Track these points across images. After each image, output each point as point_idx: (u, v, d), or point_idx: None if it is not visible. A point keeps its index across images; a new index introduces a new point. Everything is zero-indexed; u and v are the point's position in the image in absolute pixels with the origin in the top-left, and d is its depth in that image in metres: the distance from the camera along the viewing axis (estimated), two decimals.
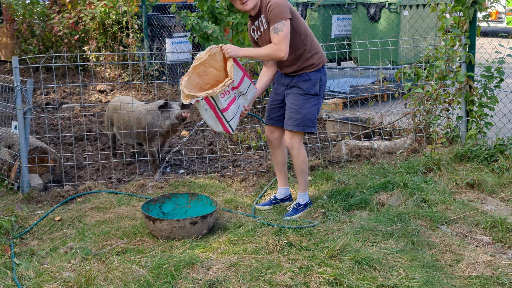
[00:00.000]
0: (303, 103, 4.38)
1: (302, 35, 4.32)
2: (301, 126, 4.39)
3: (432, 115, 6.00)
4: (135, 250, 4.03)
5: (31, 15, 11.46)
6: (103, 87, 9.36)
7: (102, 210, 4.79)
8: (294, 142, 4.45)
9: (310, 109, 4.39)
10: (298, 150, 4.48)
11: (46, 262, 3.90)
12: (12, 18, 11.75)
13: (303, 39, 4.33)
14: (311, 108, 4.40)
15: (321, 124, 7.16)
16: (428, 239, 4.02)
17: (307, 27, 4.40)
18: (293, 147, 4.46)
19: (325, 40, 10.88)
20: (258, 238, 4.07)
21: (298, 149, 4.48)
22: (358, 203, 4.67)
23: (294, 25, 4.28)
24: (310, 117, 4.40)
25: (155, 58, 9.65)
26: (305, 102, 4.38)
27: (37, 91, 9.47)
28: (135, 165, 6.01)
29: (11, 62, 5.09)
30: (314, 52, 4.38)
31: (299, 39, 4.32)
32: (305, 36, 4.34)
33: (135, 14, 9.79)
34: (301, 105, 4.38)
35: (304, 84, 4.38)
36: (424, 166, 5.29)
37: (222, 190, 5.17)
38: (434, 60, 6.00)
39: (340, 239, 3.95)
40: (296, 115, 4.38)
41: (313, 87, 4.39)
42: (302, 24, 4.35)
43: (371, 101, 7.20)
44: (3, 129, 5.95)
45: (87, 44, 10.20)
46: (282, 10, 4.16)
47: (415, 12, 9.74)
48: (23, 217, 4.66)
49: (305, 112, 4.38)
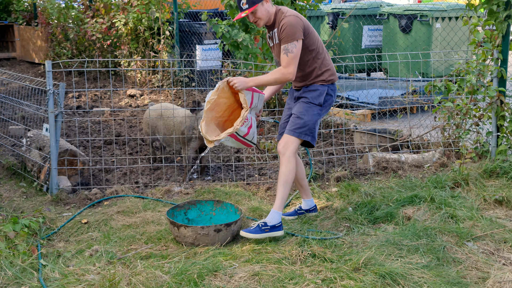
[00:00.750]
0: (305, 110, 4.30)
1: (313, 53, 4.28)
2: (298, 132, 4.27)
3: (461, 129, 5.93)
4: (159, 255, 4.05)
5: (66, 19, 11.67)
6: (133, 92, 9.47)
7: (128, 214, 4.83)
8: (287, 149, 4.25)
9: (311, 117, 4.29)
10: (289, 158, 4.24)
11: (72, 264, 3.95)
12: (47, 22, 11.98)
13: (314, 56, 4.28)
14: (313, 116, 4.30)
15: (348, 135, 7.13)
16: (454, 256, 3.97)
17: (320, 44, 4.34)
18: (284, 154, 4.25)
19: (355, 51, 10.84)
20: (282, 248, 4.07)
21: (289, 157, 4.24)
22: (384, 216, 4.64)
23: (306, 43, 4.24)
24: (309, 125, 4.28)
25: (185, 65, 9.73)
26: (307, 109, 4.30)
27: (69, 94, 9.61)
28: (162, 170, 6.06)
29: (45, 65, 5.18)
30: (325, 69, 4.33)
31: (310, 56, 4.28)
32: (316, 54, 4.29)
33: (167, 21, 9.90)
34: (303, 112, 4.30)
35: (310, 94, 4.33)
36: (452, 181, 5.23)
37: (247, 198, 5.18)
38: (465, 74, 5.94)
39: (364, 252, 3.92)
40: (295, 120, 4.30)
41: (318, 97, 4.31)
42: (315, 41, 4.29)
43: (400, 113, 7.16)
44: (35, 131, 6.06)
45: (119, 49, 10.34)
46: (295, 30, 4.13)
47: (447, 25, 9.65)
48: (51, 219, 4.73)
49: (306, 119, 4.28)
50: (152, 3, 9.79)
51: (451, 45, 9.44)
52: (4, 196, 5.37)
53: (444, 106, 6.08)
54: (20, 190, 5.53)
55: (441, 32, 9.59)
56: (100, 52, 10.94)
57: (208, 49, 9.69)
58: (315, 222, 4.66)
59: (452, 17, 9.70)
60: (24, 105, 6.42)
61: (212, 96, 4.27)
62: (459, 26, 9.64)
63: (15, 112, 8.16)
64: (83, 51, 11.49)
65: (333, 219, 4.68)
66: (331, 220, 4.68)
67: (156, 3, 9.75)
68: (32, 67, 12.87)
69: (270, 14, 4.26)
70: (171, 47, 9.87)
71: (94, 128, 7.69)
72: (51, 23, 11.92)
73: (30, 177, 5.70)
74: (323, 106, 4.34)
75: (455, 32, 9.52)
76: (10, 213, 4.83)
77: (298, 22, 4.16)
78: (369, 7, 10.94)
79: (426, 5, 10.08)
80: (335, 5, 11.52)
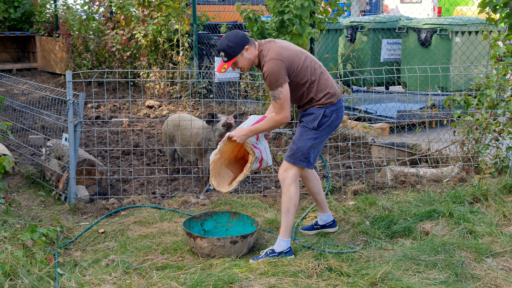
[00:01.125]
0: (299, 135, 4.23)
1: (306, 84, 4.17)
2: (293, 158, 4.20)
3: (481, 144, 5.88)
4: (175, 266, 4.05)
5: (87, 31, 11.80)
6: (152, 103, 9.53)
7: (145, 225, 4.85)
8: (287, 176, 4.20)
9: (305, 142, 4.19)
10: (289, 186, 4.19)
11: (88, 273, 3.96)
12: (68, 33, 12.13)
13: (308, 87, 4.18)
14: (306, 141, 4.19)
15: (366, 149, 7.10)
16: (472, 272, 3.92)
17: (312, 70, 4.19)
18: (284, 181, 4.21)
19: (373, 64, 10.82)
20: (298, 261, 4.04)
21: (289, 185, 4.19)
22: (402, 230, 4.60)
23: (296, 79, 4.14)
24: (303, 151, 4.19)
25: (203, 76, 9.77)
26: (301, 134, 4.22)
27: (88, 105, 9.70)
28: (179, 181, 6.07)
29: (65, 75, 5.24)
30: (323, 94, 4.19)
31: (304, 88, 4.18)
32: (310, 84, 4.17)
33: (186, 33, 9.96)
34: (298, 137, 4.23)
35: (305, 118, 4.25)
36: (471, 196, 5.17)
37: (263, 210, 5.17)
38: (485, 88, 5.89)
39: (381, 266, 3.88)
40: (291, 146, 4.25)
41: (313, 121, 4.19)
42: (306, 72, 4.16)
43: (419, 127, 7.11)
44: (54, 140, 6.12)
45: (138, 60, 10.42)
46: (277, 77, 4.04)
47: (467, 39, 9.59)
48: (68, 228, 4.76)
49: (299, 144, 4.20)
50: (172, 15, 9.86)
51: (471, 59, 9.38)
52: (23, 204, 5.41)
53: (464, 120, 6.03)
54: (38, 199, 5.58)
55: (460, 46, 9.54)
56: (120, 63, 11.04)
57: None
58: (332, 235, 4.63)
59: (472, 31, 9.64)
60: (44, 115, 6.49)
61: (216, 156, 4.35)
62: (479, 41, 9.58)
63: (35, 121, 8.25)
64: (103, 62, 11.60)
65: (350, 233, 4.65)
66: (348, 233, 4.65)
67: (176, 15, 9.82)
68: (52, 77, 13.02)
69: (252, 59, 4.17)
70: (189, 58, 9.92)
71: (113, 139, 7.74)
72: (72, 34, 12.07)
73: (48, 186, 5.74)
74: (319, 129, 4.20)
75: (475, 47, 9.46)
76: (28, 221, 4.87)
77: (279, 65, 4.05)
78: (388, 21, 10.92)
79: (446, 19, 10.04)
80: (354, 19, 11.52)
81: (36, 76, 13.10)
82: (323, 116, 4.19)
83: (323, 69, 4.29)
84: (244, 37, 4.14)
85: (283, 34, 7.21)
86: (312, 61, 4.23)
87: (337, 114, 4.25)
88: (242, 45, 4.12)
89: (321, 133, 4.22)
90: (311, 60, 4.23)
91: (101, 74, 10.96)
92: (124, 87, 10.98)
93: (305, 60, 4.18)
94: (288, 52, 4.15)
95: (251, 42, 4.16)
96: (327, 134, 4.27)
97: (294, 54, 4.16)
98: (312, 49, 8.31)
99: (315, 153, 4.26)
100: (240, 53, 4.14)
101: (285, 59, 4.09)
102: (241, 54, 4.14)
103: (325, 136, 4.27)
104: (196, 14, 9.86)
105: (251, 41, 4.16)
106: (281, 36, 7.14)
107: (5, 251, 3.78)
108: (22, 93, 9.51)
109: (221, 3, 12.57)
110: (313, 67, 4.21)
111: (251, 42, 4.16)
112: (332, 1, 7.63)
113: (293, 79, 4.15)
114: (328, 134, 4.28)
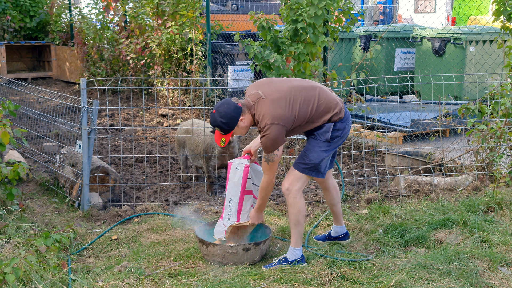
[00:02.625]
0: (312, 146, 4.13)
1: (304, 122, 4.06)
2: (302, 167, 4.11)
3: (495, 153, 5.83)
4: (187, 273, 4.05)
5: (101, 40, 11.89)
6: (165, 111, 9.57)
7: (158, 232, 4.85)
8: (293, 188, 4.11)
9: (318, 154, 4.10)
10: (295, 198, 4.10)
11: (101, 279, 3.97)
12: (83, 42, 12.23)
13: (308, 120, 4.06)
14: (320, 153, 4.10)
15: (380, 157, 7.07)
16: (486, 281, 3.88)
17: (309, 106, 4.03)
18: (290, 193, 4.11)
19: (387, 73, 10.80)
20: (310, 269, 4.03)
21: (295, 197, 4.10)
22: (415, 239, 4.56)
23: (294, 126, 4.03)
24: (315, 163, 4.09)
25: (217, 85, 9.80)
26: (314, 146, 4.12)
27: (102, 113, 9.76)
28: (191, 188, 6.08)
29: (80, 83, 5.28)
30: (326, 116, 4.08)
31: (305, 123, 4.08)
32: (310, 118, 4.05)
33: (200, 42, 10.00)
34: (310, 148, 4.13)
35: (317, 130, 4.14)
36: (486, 205, 5.13)
37: (276, 218, 5.16)
38: (499, 97, 5.85)
39: (394, 275, 3.86)
40: (302, 154, 4.15)
41: (325, 134, 4.09)
42: (303, 116, 4.01)
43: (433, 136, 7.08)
44: (68, 147, 6.16)
45: (152, 69, 10.48)
46: (275, 143, 3.95)
47: (481, 47, 9.55)
48: (81, 234, 4.78)
49: (312, 157, 4.10)
50: (185, 24, 9.92)
51: (485, 68, 9.33)
52: (37, 211, 5.45)
53: (478, 129, 5.99)
54: (52, 206, 5.61)
55: (475, 55, 9.49)
56: (134, 72, 11.10)
57: (240, 70, 9.75)
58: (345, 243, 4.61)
59: (487, 40, 9.60)
60: (59, 123, 6.54)
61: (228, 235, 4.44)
62: (494, 49, 9.53)
63: (49, 129, 8.31)
64: (117, 70, 11.67)
65: (363, 241, 4.63)
66: (361, 242, 4.63)
67: (190, 25, 9.88)
68: (67, 86, 13.13)
69: (248, 125, 4.05)
70: (203, 67, 9.96)
71: (126, 146, 7.77)
72: (87, 43, 12.17)
73: (62, 193, 5.78)
74: (332, 142, 4.12)
75: (489, 55, 9.41)
76: (42, 227, 4.90)
77: (280, 131, 3.92)
78: (402, 30, 10.90)
79: (460, 27, 10.00)
80: (368, 28, 11.51)
81: (51, 85, 13.21)
82: (335, 130, 4.12)
83: (319, 89, 4.12)
84: (235, 109, 3.95)
85: (296, 43, 7.22)
86: (306, 99, 4.04)
87: (347, 123, 4.21)
88: (235, 118, 3.96)
89: (333, 145, 4.16)
90: (304, 98, 4.05)
91: (115, 82, 11.03)
92: (138, 96, 11.03)
93: (301, 104, 4.02)
94: (282, 106, 3.95)
95: (244, 110, 3.99)
96: (339, 145, 4.24)
97: (286, 107, 3.97)
98: (325, 58, 8.31)
99: (325, 163, 4.19)
100: (236, 126, 4.00)
101: (282, 121, 3.93)
102: (237, 126, 4.01)
103: (337, 147, 4.23)
104: (209, 23, 9.90)
105: (243, 110, 3.99)
106: (295, 45, 7.14)
107: (18, 256, 3.81)
108: (37, 101, 9.59)
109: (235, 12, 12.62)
110: (308, 104, 4.05)
111: (244, 111, 3.99)
112: (345, 10, 7.63)
113: (295, 123, 4.04)
114: (340, 144, 4.25)
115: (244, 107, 4.00)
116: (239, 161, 4.37)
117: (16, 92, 9.66)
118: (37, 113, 7.75)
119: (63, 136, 7.76)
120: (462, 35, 9.51)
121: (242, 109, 3.99)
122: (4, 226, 4.62)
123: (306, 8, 6.99)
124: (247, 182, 4.40)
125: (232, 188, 4.33)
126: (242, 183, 4.34)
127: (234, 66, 9.75)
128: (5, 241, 4.33)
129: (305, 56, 7.22)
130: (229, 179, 4.37)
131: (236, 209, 4.37)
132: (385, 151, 6.68)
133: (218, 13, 12.29)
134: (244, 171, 4.31)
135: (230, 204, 4.36)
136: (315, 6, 6.89)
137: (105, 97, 10.81)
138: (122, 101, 10.70)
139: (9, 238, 4.41)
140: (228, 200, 4.37)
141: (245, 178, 4.33)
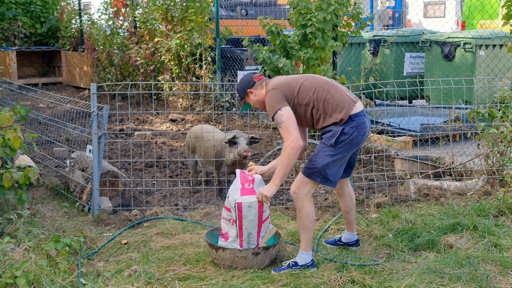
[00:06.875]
0: (317, 151, 4.13)
1: (311, 104, 4.11)
2: (308, 172, 4.11)
3: (506, 157, 5.81)
4: (197, 277, 4.06)
5: (111, 45, 11.97)
6: (175, 116, 9.60)
7: (167, 236, 4.87)
8: (300, 192, 4.11)
9: (322, 159, 4.08)
10: (303, 203, 4.11)
11: (111, 283, 3.99)
12: (93, 48, 12.32)
13: (312, 107, 4.12)
14: (323, 158, 4.08)
15: (389, 162, 7.05)
16: (497, 285, 3.86)
17: (317, 89, 4.13)
18: (298, 198, 4.12)
19: (396, 78, 10.78)
20: (320, 273, 4.02)
21: (303, 201, 4.11)
22: (425, 243, 4.55)
23: (297, 101, 4.12)
24: (319, 168, 4.07)
25: (226, 90, 9.83)
26: (319, 150, 4.12)
27: (112, 118, 9.81)
28: (201, 193, 6.09)
29: (90, 89, 5.31)
30: (333, 112, 4.10)
31: (309, 110, 4.13)
32: (314, 104, 4.11)
33: (209, 47, 10.04)
34: (316, 153, 4.13)
35: (325, 135, 4.15)
36: (496, 210, 5.11)
37: (286, 223, 5.16)
38: (509, 100, 5.83)
39: (404, 279, 3.85)
40: (309, 158, 4.17)
41: (331, 138, 4.08)
42: (307, 93, 4.12)
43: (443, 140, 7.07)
44: (78, 152, 6.19)
45: (161, 74, 10.53)
46: (273, 103, 4.07)
47: (491, 52, 9.52)
48: (91, 239, 4.79)
49: (316, 161, 4.09)
50: (195, 29, 9.96)
51: (495, 72, 9.30)
52: (47, 215, 5.48)
53: (488, 133, 5.97)
54: (62, 210, 5.64)
55: (484, 59, 9.46)
56: (144, 77, 11.16)
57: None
58: (354, 248, 4.60)
59: (496, 44, 9.57)
60: (70, 127, 6.57)
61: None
62: (503, 53, 9.50)
63: (59, 134, 8.36)
64: (127, 76, 11.73)
65: (372, 246, 4.62)
66: (371, 246, 4.62)
67: (199, 30, 9.92)
68: (77, 91, 13.20)
69: (259, 100, 4.30)
70: (212, 72, 9.99)
71: (136, 151, 7.81)
72: (97, 49, 12.25)
73: (72, 197, 5.81)
74: (337, 146, 4.08)
75: (499, 59, 9.38)
76: (52, 232, 4.92)
77: (274, 94, 4.11)
78: (411, 34, 10.88)
79: (470, 32, 9.98)
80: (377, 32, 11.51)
81: (61, 90, 13.30)
82: (342, 134, 4.07)
83: (334, 87, 4.18)
84: (248, 81, 4.31)
85: (305, 47, 7.23)
86: (313, 82, 4.17)
87: (359, 131, 4.11)
88: (245, 88, 4.31)
89: (339, 150, 4.08)
90: (312, 81, 4.19)
91: (125, 87, 11.09)
92: (148, 101, 11.08)
93: (305, 81, 4.16)
94: (283, 79, 4.24)
95: (257, 85, 4.29)
96: (348, 151, 4.13)
97: (291, 79, 4.23)
98: (334, 62, 8.32)
99: (334, 171, 4.12)
100: (246, 95, 4.33)
101: (279, 85, 4.16)
102: (247, 96, 4.33)
103: (345, 153, 4.12)
104: (219, 28, 9.95)
105: (256, 84, 4.29)
106: (304, 49, 7.16)
107: (29, 260, 3.83)
108: (47, 106, 9.65)
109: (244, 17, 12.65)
110: (316, 88, 4.13)
111: (256, 85, 4.29)
112: (354, 14, 7.64)
113: (295, 101, 4.12)
114: (349, 151, 4.14)
115: (259, 84, 4.31)
116: (249, 198, 4.23)
117: (26, 98, 9.74)
118: (48, 118, 7.80)
119: (73, 141, 7.80)
120: (471, 40, 9.49)
121: (256, 83, 4.30)
122: (14, 230, 4.65)
123: (315, 12, 7.01)
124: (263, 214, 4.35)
125: (248, 224, 4.25)
126: (259, 218, 4.29)
127: (244, 71, 9.77)
128: (16, 245, 4.35)
129: (314, 60, 7.23)
130: (243, 217, 4.22)
131: (255, 239, 4.32)
132: (395, 156, 6.67)
133: (227, 18, 12.34)
134: (259, 209, 4.26)
135: (249, 237, 4.31)
136: (324, 11, 6.91)
137: (115, 102, 10.86)
138: (132, 106, 10.74)
139: (19, 242, 4.43)
140: (246, 234, 4.29)
141: (260, 213, 4.27)
